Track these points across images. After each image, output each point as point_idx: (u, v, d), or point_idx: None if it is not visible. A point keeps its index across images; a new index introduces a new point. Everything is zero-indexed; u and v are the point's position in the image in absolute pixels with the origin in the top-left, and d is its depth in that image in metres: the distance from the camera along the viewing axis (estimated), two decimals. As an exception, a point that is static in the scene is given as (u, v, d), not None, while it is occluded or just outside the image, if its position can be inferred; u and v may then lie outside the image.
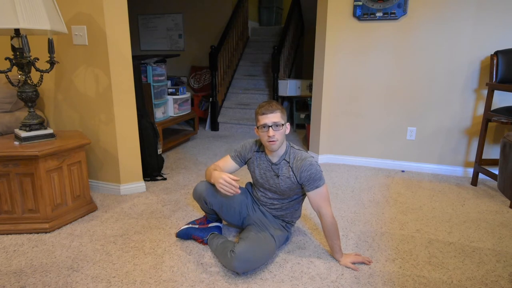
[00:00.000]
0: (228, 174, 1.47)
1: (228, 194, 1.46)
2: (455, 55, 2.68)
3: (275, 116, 1.49)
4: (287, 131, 1.55)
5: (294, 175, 1.56)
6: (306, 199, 2.31)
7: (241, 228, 1.83)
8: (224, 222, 1.95)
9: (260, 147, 1.67)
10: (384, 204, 2.25)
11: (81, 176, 2.03)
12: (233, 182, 1.45)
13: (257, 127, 1.53)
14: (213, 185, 1.65)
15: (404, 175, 2.83)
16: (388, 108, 2.93)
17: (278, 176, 1.59)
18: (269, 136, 1.48)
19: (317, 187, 1.53)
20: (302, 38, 6.03)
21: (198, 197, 1.67)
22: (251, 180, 2.37)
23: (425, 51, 2.74)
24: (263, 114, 1.49)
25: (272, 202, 1.69)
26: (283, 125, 1.51)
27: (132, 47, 6.09)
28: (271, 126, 1.48)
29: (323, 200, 1.54)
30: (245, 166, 2.92)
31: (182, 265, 1.56)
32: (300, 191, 1.64)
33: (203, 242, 1.72)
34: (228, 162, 1.71)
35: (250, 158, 1.69)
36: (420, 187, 2.57)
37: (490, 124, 2.70)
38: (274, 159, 1.60)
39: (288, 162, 1.58)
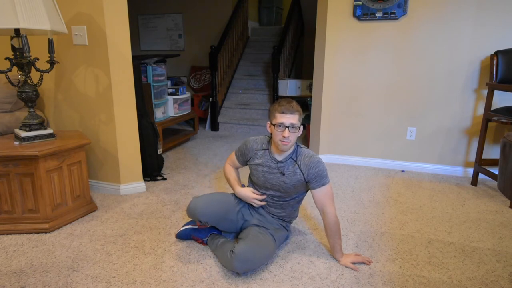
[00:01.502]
0: (252, 190, 1.68)
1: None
2: (455, 55, 2.68)
3: (293, 118, 1.47)
4: (299, 133, 1.54)
5: (302, 172, 1.56)
6: (305, 199, 2.31)
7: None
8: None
9: (262, 145, 1.65)
10: (384, 204, 2.25)
11: (81, 176, 2.03)
12: (261, 197, 1.67)
13: (272, 124, 1.52)
14: (205, 204, 1.62)
15: (404, 175, 2.83)
16: (388, 108, 2.93)
17: (283, 174, 1.59)
18: (283, 136, 1.47)
19: (323, 184, 1.54)
20: (302, 38, 6.03)
21: (192, 216, 1.64)
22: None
23: (425, 51, 2.74)
24: (283, 113, 1.47)
25: (272, 200, 1.68)
26: (299, 127, 1.51)
27: (132, 47, 6.09)
28: (288, 127, 1.47)
29: (328, 198, 1.55)
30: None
31: (182, 265, 1.56)
32: (303, 189, 1.64)
33: (203, 242, 1.72)
34: (235, 160, 1.77)
35: (251, 157, 1.68)
36: (420, 187, 2.57)
37: (490, 124, 2.69)
38: (280, 158, 1.59)
39: (295, 161, 1.58)
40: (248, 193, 1.66)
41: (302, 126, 1.55)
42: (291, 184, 1.59)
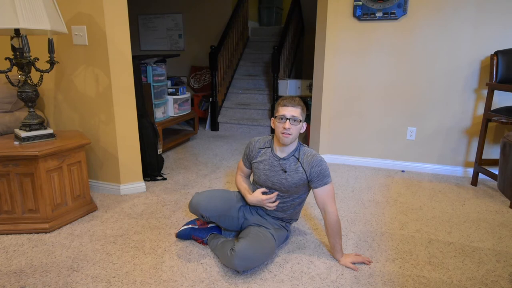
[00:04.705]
0: (262, 191, 1.64)
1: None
2: (455, 55, 2.68)
3: (295, 111, 1.51)
4: (303, 129, 1.56)
5: (304, 170, 1.57)
6: (307, 200, 2.31)
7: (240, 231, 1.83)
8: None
9: (265, 144, 1.67)
10: (384, 204, 2.25)
11: (81, 176, 2.03)
12: (271, 198, 1.61)
13: (275, 117, 1.55)
14: (208, 198, 1.64)
15: (404, 175, 2.83)
16: (388, 108, 2.93)
17: (285, 172, 1.59)
18: (284, 128, 1.49)
19: (325, 183, 1.55)
20: (302, 38, 6.03)
21: (194, 211, 1.67)
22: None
23: (425, 51, 2.74)
24: (284, 105, 1.51)
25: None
26: (300, 121, 1.53)
27: (132, 47, 6.09)
28: (289, 119, 1.49)
29: (330, 198, 1.56)
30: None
31: (182, 265, 1.56)
32: (305, 189, 1.64)
33: (203, 242, 1.72)
34: (243, 167, 1.79)
35: (254, 156, 1.69)
36: (420, 187, 2.57)
37: (490, 124, 2.70)
38: (283, 154, 1.60)
39: (297, 158, 1.59)
40: (259, 197, 1.63)
41: (305, 123, 1.57)
42: (293, 182, 1.59)
